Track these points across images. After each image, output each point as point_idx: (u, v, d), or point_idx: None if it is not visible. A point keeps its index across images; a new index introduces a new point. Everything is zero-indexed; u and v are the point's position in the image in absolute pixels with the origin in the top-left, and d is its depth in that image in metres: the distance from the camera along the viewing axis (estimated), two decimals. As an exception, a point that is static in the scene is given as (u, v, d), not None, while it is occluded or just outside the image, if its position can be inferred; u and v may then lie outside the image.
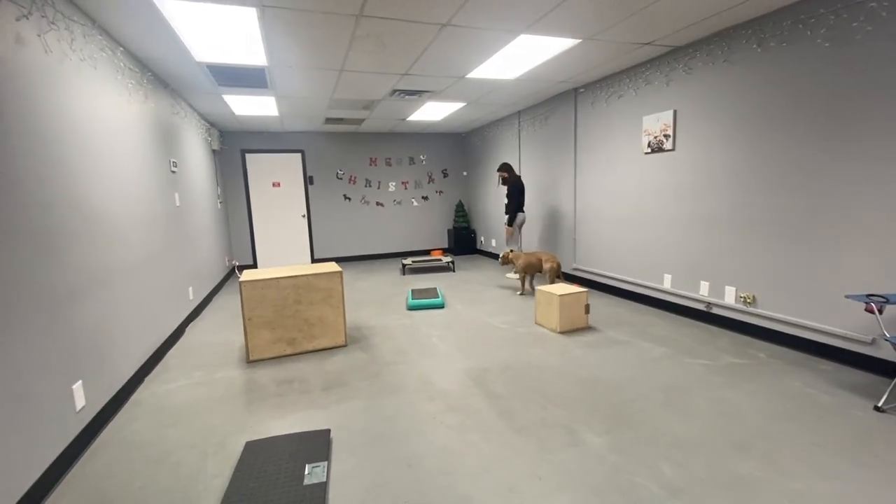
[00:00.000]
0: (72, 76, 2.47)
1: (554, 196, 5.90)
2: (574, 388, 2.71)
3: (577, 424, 2.30)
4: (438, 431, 2.28)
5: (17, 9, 2.03)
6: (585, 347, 3.38)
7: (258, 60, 3.74)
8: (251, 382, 2.98)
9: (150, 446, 2.25)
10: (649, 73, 4.18)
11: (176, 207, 4.29)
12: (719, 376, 2.80)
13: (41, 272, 2.00)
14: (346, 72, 4.19)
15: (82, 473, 2.04)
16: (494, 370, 3.01)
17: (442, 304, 4.66)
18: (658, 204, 4.21)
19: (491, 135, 7.57)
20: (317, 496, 1.77)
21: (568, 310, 3.69)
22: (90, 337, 2.40)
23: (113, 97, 3.01)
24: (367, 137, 8.10)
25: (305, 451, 2.07)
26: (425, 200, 8.63)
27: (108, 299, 2.64)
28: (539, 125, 6.09)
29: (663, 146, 4.07)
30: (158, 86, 4.08)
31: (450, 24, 3.10)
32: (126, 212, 3.05)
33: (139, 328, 3.10)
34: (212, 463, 2.09)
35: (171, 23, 2.89)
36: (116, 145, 2.99)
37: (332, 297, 3.56)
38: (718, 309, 3.72)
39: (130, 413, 2.61)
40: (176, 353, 3.61)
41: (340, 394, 2.76)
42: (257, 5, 2.71)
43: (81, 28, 2.64)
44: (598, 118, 4.93)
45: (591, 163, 5.11)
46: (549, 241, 6.10)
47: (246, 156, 7.46)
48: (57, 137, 2.25)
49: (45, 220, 2.07)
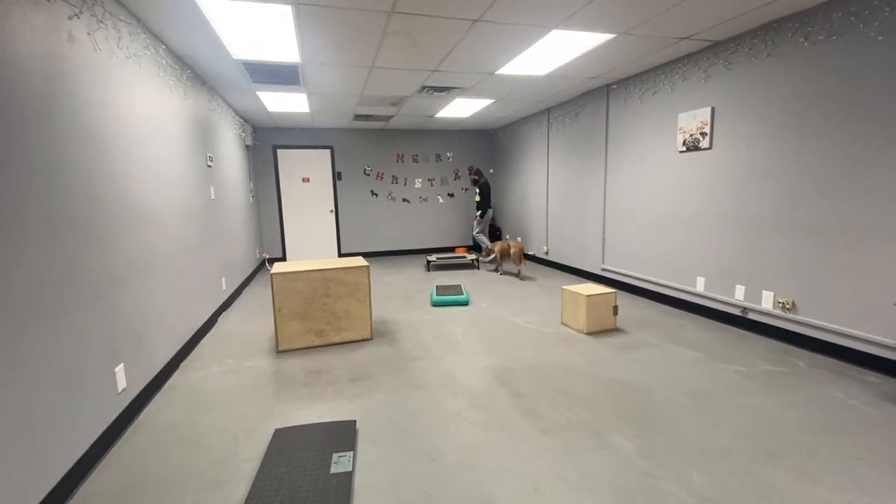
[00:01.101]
0: (118, 73, 2.58)
1: (582, 195, 5.80)
2: (601, 391, 2.66)
3: (604, 427, 2.26)
4: (462, 428, 2.29)
5: (70, 8, 2.13)
6: (613, 349, 3.31)
7: (291, 57, 3.82)
8: (280, 372, 3.06)
9: (185, 430, 2.34)
10: (686, 68, 4.05)
11: (211, 201, 4.43)
12: (754, 383, 2.69)
13: (89, 261, 2.11)
14: (376, 68, 4.22)
15: (121, 453, 2.14)
16: (519, 369, 2.99)
17: (466, 301, 4.66)
18: (692, 204, 4.08)
19: (519, 132, 7.50)
20: (343, 484, 1.80)
21: (595, 310, 3.62)
22: (131, 323, 2.51)
23: (155, 93, 3.13)
24: (394, 134, 8.16)
25: (332, 441, 2.11)
26: (451, 198, 8.64)
27: (147, 288, 2.76)
28: (569, 122, 5.99)
29: (699, 144, 3.94)
30: (197, 83, 4.22)
31: (481, 19, 3.08)
32: (165, 204, 3.17)
33: (175, 316, 3.22)
34: (242, 448, 2.16)
35: (211, 21, 2.98)
36: (157, 140, 3.12)
37: (359, 290, 3.62)
38: (754, 314, 3.58)
39: (166, 397, 2.72)
40: (209, 341, 3.74)
41: (366, 386, 2.80)
42: (293, 3, 2.76)
43: (127, 27, 2.75)
44: (630, 115, 4.81)
45: (622, 161, 5.00)
46: (575, 240, 6.01)
47: (277, 151, 7.63)
48: (103, 133, 2.36)
49: (92, 211, 2.17)
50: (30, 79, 1.78)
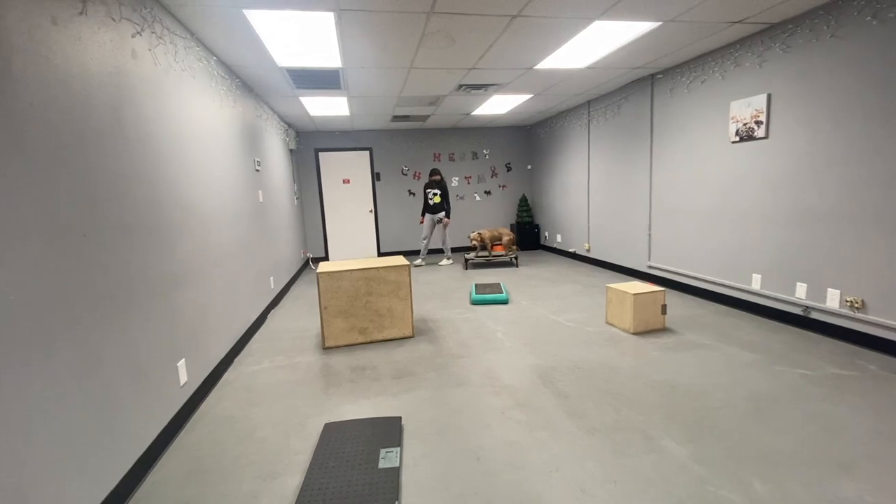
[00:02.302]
0: (175, 85, 2.74)
1: (626, 189, 5.62)
2: (650, 392, 2.57)
3: (655, 430, 2.19)
4: (506, 427, 2.28)
5: (133, 26, 2.28)
6: (662, 350, 3.19)
7: (333, 63, 3.92)
8: (327, 368, 3.16)
9: (240, 422, 2.46)
10: (739, 53, 3.83)
11: (259, 203, 4.63)
12: (819, 388, 2.52)
13: (153, 261, 2.25)
14: (414, 69, 4.26)
15: (184, 443, 2.28)
16: (562, 369, 2.94)
17: (506, 299, 4.62)
18: (747, 197, 3.86)
19: (558, 126, 7.36)
20: (391, 480, 1.83)
21: (642, 309, 3.50)
22: (191, 320, 2.67)
23: (207, 103, 3.30)
24: (431, 133, 8.21)
25: (379, 436, 2.15)
26: (488, 195, 8.60)
27: (203, 287, 2.92)
28: (611, 115, 5.81)
29: (754, 134, 3.72)
30: (245, 91, 4.41)
31: (520, 14, 3.04)
32: (219, 208, 3.34)
33: (229, 314, 3.39)
34: (294, 441, 2.24)
35: (258, 32, 3.10)
36: (211, 147, 3.29)
37: (400, 289, 3.67)
38: (818, 313, 3.34)
39: (222, 391, 2.87)
40: (259, 337, 3.91)
41: (409, 383, 2.84)
42: (335, 9, 2.83)
43: (183, 41, 2.91)
44: (677, 105, 4.61)
45: (669, 154, 4.80)
46: (619, 236, 5.83)
47: (319, 154, 7.86)
48: (163, 141, 2.51)
49: (155, 215, 2.32)
50: (100, 93, 1.92)
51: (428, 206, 7.06)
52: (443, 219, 7.00)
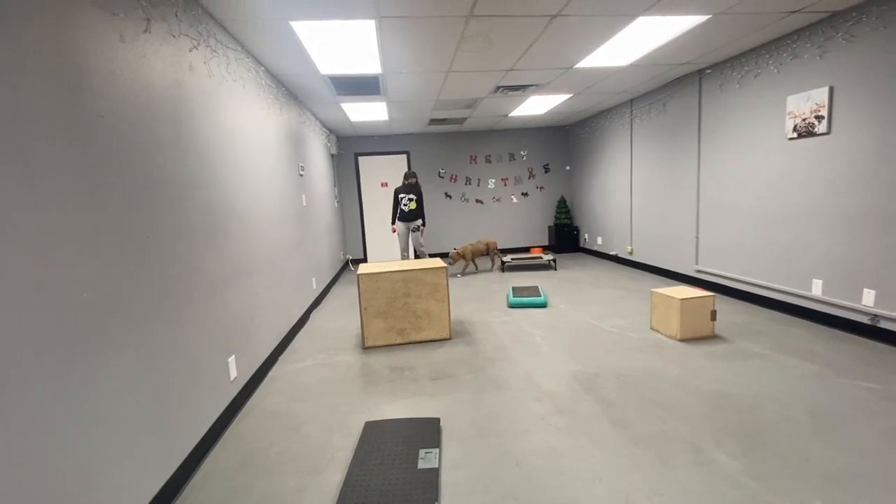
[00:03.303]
0: (226, 95, 2.89)
1: (671, 190, 5.40)
2: (699, 402, 2.46)
3: (705, 442, 2.08)
4: (546, 433, 2.24)
5: (190, 41, 2.42)
6: (712, 358, 3.04)
7: (373, 69, 4.01)
8: (367, 367, 3.22)
9: (286, 417, 2.55)
10: (797, 45, 3.60)
11: (303, 207, 4.79)
12: (891, 403, 2.32)
13: (208, 262, 2.38)
14: (452, 73, 4.29)
15: (234, 435, 2.39)
16: (605, 375, 2.86)
17: (544, 303, 4.55)
18: (806, 197, 3.62)
19: (598, 126, 7.18)
20: (430, 480, 1.85)
21: (690, 315, 3.35)
22: (240, 318, 2.79)
23: (256, 111, 3.46)
24: (467, 136, 8.22)
25: (418, 436, 2.17)
26: (525, 197, 8.50)
27: (251, 287, 3.05)
28: (655, 113, 5.61)
29: (814, 130, 3.49)
30: (290, 99, 4.59)
31: (560, 14, 3.00)
32: (266, 211, 3.49)
33: (275, 313, 3.53)
34: (336, 437, 2.30)
35: (303, 41, 3.22)
36: (258, 154, 3.44)
37: (437, 291, 3.69)
38: (887, 322, 3.08)
39: (268, 387, 2.98)
40: (303, 336, 4.04)
41: (447, 385, 2.85)
42: (375, 17, 2.89)
43: (234, 53, 3.07)
44: (728, 101, 4.39)
45: (719, 152, 4.58)
46: (664, 239, 5.61)
47: (358, 158, 8.05)
48: (216, 149, 2.65)
49: (209, 219, 2.45)
50: (162, 105, 2.06)
51: (402, 214, 6.18)
52: (420, 227, 6.26)
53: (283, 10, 2.69)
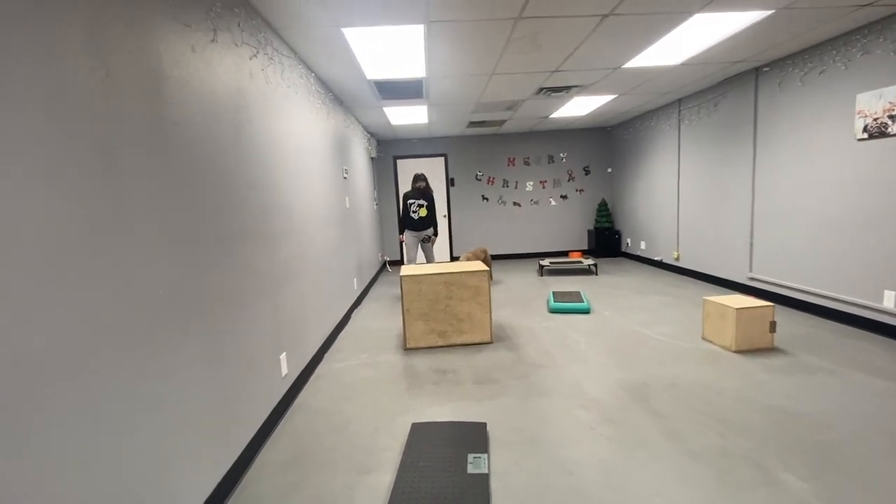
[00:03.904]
0: (281, 101, 2.99)
1: (723, 194, 5.17)
2: (760, 418, 2.33)
3: (769, 460, 1.97)
4: (598, 443, 2.18)
5: (250, 49, 2.52)
6: (773, 372, 2.88)
7: (418, 73, 4.04)
8: (410, 368, 3.24)
9: (333, 415, 2.60)
10: (867, 39, 3.37)
11: (346, 209, 4.89)
12: (983, 429, 2.12)
13: (263, 263, 2.47)
14: (495, 75, 4.27)
15: (285, 431, 2.46)
16: (655, 386, 2.76)
17: (588, 308, 4.45)
18: (878, 202, 3.37)
19: (643, 126, 6.97)
20: (481, 486, 1.83)
21: (747, 326, 3.18)
22: (290, 317, 2.88)
23: (306, 116, 3.56)
24: (506, 138, 8.17)
25: (465, 441, 2.16)
26: (564, 200, 8.36)
27: (300, 287, 3.14)
28: (705, 113, 5.39)
29: (887, 130, 3.25)
30: (336, 104, 4.70)
31: (613, 13, 2.93)
32: (314, 213, 3.58)
33: (320, 312, 3.61)
34: (383, 437, 2.32)
35: (352, 47, 3.29)
36: (308, 157, 3.54)
37: (479, 294, 3.68)
38: (975, 339, 2.82)
39: (315, 385, 3.06)
40: (345, 336, 4.12)
41: (492, 390, 2.83)
42: (425, 22, 2.92)
43: (288, 60, 3.17)
44: (788, 100, 4.16)
45: (776, 154, 4.34)
46: (714, 245, 5.37)
47: (397, 161, 8.16)
48: (271, 153, 2.75)
49: (265, 221, 2.54)
50: (225, 111, 2.15)
51: (411, 222, 5.43)
52: (431, 237, 5.49)
53: (337, 17, 2.76)
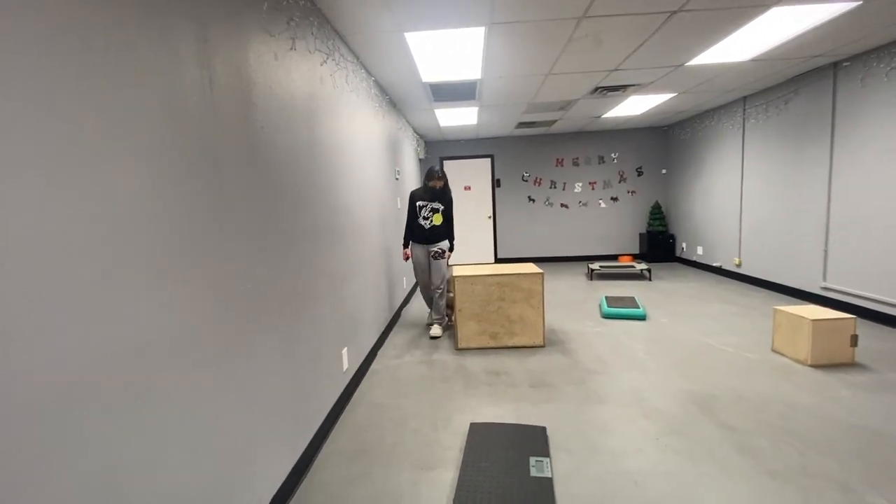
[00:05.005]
0: (345, 105, 3.09)
1: (793, 197, 4.85)
2: (844, 437, 2.17)
3: (857, 482, 1.84)
4: (663, 454, 2.11)
5: (321, 56, 2.63)
6: (855, 388, 2.68)
7: (473, 75, 4.07)
8: (463, 368, 3.27)
9: (392, 410, 2.67)
10: (973, 28, 3.06)
11: (398, 210, 4.99)
12: None
13: (330, 261, 2.57)
14: (552, 75, 4.22)
15: (347, 423, 2.55)
16: (724, 398, 2.63)
17: (643, 315, 4.30)
18: (980, 207, 3.06)
19: (702, 126, 6.66)
20: (545, 490, 1.82)
21: (824, 338, 2.98)
22: (351, 313, 2.98)
23: (365, 119, 3.67)
24: (554, 138, 8.04)
25: (526, 443, 2.16)
26: (614, 202, 8.12)
27: (359, 284, 3.24)
28: (774, 112, 5.08)
29: None
30: (390, 107, 4.81)
31: (682, 9, 2.83)
32: (371, 213, 3.68)
33: (375, 309, 3.71)
34: (443, 435, 2.36)
35: (412, 51, 3.36)
36: (366, 159, 3.64)
37: (532, 297, 3.65)
38: None
39: (372, 380, 3.14)
40: (397, 332, 4.21)
41: (547, 394, 2.80)
42: (487, 23, 2.93)
43: (352, 65, 3.28)
44: (872, 97, 3.85)
45: (858, 155, 4.03)
46: (781, 251, 5.05)
47: (444, 162, 8.22)
48: (337, 155, 2.85)
49: (332, 221, 2.65)
50: (300, 115, 2.26)
51: (419, 230, 4.08)
52: (445, 252, 4.09)
53: (402, 21, 2.83)
